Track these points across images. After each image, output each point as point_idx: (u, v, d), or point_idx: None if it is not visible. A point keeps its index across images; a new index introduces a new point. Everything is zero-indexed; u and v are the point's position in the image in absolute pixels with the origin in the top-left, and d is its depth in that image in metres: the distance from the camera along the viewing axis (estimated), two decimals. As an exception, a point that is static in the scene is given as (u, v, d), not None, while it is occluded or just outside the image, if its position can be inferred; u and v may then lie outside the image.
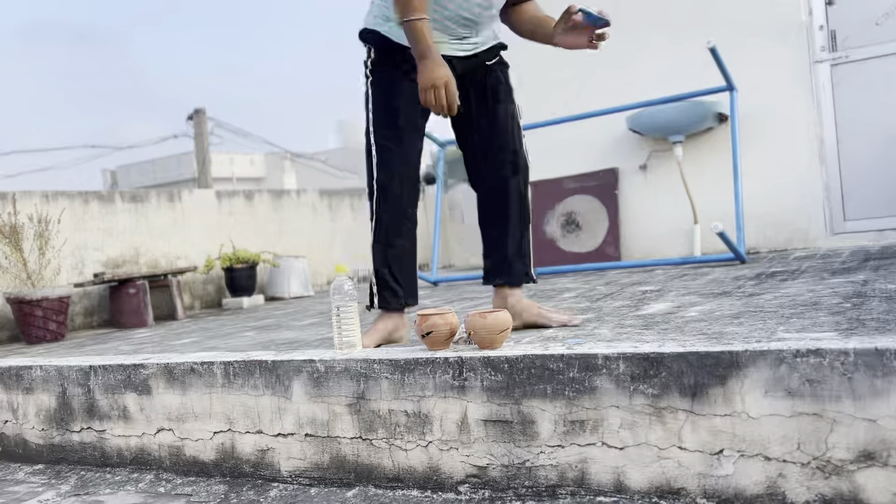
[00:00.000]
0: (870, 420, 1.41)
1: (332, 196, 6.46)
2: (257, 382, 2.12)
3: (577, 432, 1.70)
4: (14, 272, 4.15)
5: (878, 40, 4.48)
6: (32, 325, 3.90)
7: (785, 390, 1.48)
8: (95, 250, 4.70)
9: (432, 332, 1.92)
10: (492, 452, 1.79)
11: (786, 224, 4.74)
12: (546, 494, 1.73)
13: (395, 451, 1.92)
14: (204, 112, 11.89)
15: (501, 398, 1.78)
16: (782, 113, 4.70)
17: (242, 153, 27.77)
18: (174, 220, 5.18)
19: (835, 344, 1.48)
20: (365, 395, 1.96)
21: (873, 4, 4.49)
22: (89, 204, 4.71)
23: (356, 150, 26.20)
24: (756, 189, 4.71)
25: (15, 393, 2.65)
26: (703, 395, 1.56)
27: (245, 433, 2.15)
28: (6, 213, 4.16)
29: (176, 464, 2.29)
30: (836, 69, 4.61)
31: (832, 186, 4.64)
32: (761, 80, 4.69)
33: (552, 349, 1.77)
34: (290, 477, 2.08)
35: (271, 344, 2.64)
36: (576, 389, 1.69)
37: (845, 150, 4.60)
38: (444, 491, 1.85)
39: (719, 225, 3.71)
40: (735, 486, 1.54)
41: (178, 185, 22.99)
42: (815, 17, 4.64)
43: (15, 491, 2.32)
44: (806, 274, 3.04)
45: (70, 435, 2.51)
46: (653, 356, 1.61)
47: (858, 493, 1.43)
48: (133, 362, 2.39)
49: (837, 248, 4.29)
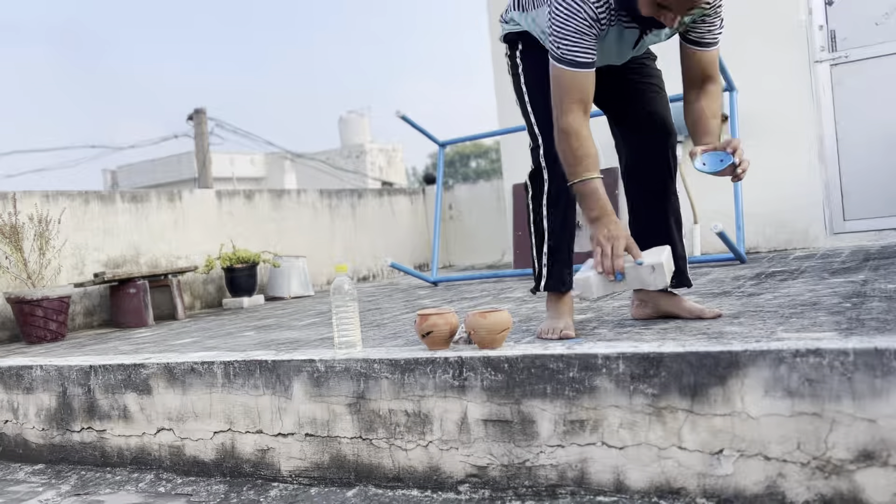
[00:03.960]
0: (869, 420, 1.42)
1: (332, 196, 6.46)
2: (257, 382, 2.13)
3: (576, 432, 1.70)
4: (14, 272, 4.15)
5: (878, 40, 4.48)
6: (33, 325, 3.90)
7: (784, 390, 1.49)
8: (96, 250, 4.70)
9: (432, 332, 1.92)
10: (492, 452, 1.80)
11: (785, 224, 4.73)
12: (546, 494, 1.73)
13: (396, 451, 1.92)
14: (204, 112, 11.90)
15: (501, 398, 1.78)
16: (782, 113, 4.70)
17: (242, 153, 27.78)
18: (174, 220, 5.18)
19: (834, 344, 1.48)
20: (365, 395, 1.96)
21: (873, 4, 4.49)
22: (89, 204, 4.71)
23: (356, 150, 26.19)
24: (756, 189, 4.70)
25: (15, 393, 2.66)
26: (702, 395, 1.56)
27: (245, 433, 2.15)
28: (6, 213, 4.16)
29: (176, 464, 2.29)
30: (836, 69, 4.61)
31: (832, 186, 4.64)
32: (761, 80, 4.69)
33: (552, 349, 1.77)
34: (291, 477, 2.08)
35: (271, 344, 2.64)
36: (576, 389, 1.70)
37: (845, 150, 4.60)
38: (444, 491, 1.85)
39: (719, 225, 3.71)
40: (735, 485, 1.54)
41: (178, 185, 23.00)
42: (815, 17, 4.64)
43: (15, 491, 2.32)
44: (806, 274, 3.04)
45: (70, 435, 2.51)
46: (653, 356, 1.61)
47: (858, 493, 1.43)
48: (133, 362, 2.39)
49: (837, 248, 4.29)
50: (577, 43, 1.96)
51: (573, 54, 1.97)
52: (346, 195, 6.61)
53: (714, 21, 2.07)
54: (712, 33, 2.10)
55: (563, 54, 1.98)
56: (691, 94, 2.15)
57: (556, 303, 2.20)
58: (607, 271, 1.91)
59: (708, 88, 2.13)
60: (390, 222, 6.97)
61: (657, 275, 1.90)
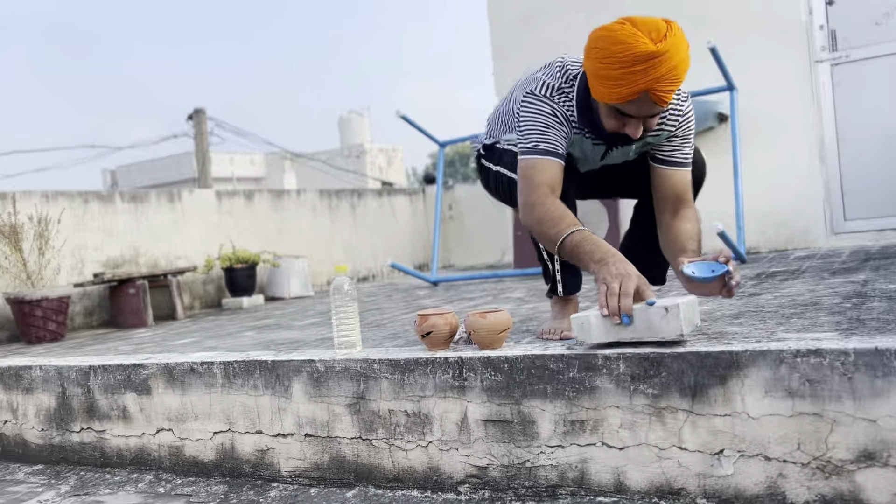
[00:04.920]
0: (870, 420, 1.41)
1: (332, 196, 6.46)
2: (257, 382, 2.12)
3: (577, 432, 1.69)
4: (14, 272, 4.15)
5: (879, 40, 4.48)
6: (32, 325, 3.89)
7: (785, 390, 1.48)
8: (95, 250, 4.69)
9: (432, 332, 1.92)
10: (492, 452, 1.79)
11: (786, 224, 4.73)
12: (546, 494, 1.73)
13: (395, 452, 1.92)
14: (204, 112, 11.89)
15: (501, 398, 1.78)
16: (782, 113, 4.70)
17: (242, 153, 27.79)
18: (174, 220, 5.18)
19: (835, 344, 1.48)
20: (365, 396, 1.95)
21: (873, 4, 4.49)
22: (89, 204, 4.71)
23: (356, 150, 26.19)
24: (756, 189, 4.71)
25: (15, 393, 2.65)
26: (703, 395, 1.56)
27: (245, 433, 2.15)
28: (6, 213, 4.16)
29: (176, 464, 2.28)
30: (837, 69, 4.60)
31: (832, 186, 4.64)
32: (761, 80, 4.69)
33: (552, 349, 1.77)
34: (290, 477, 2.08)
35: (271, 344, 2.64)
36: (576, 389, 1.69)
37: (845, 149, 4.60)
38: (444, 491, 1.85)
39: (719, 225, 3.71)
40: (735, 486, 1.54)
41: (178, 185, 23.00)
42: (816, 17, 4.64)
43: (15, 491, 2.32)
44: (806, 274, 3.04)
45: (70, 435, 2.51)
46: (653, 356, 1.61)
47: (858, 494, 1.43)
48: (133, 362, 2.38)
49: (837, 248, 4.28)
50: (545, 133, 1.92)
51: (542, 144, 1.92)
52: (345, 195, 6.61)
53: (684, 139, 2.00)
54: (682, 152, 2.01)
55: (534, 145, 1.93)
56: (665, 216, 2.00)
57: (562, 304, 2.18)
58: (612, 312, 1.64)
59: (683, 213, 1.99)
60: (390, 222, 6.97)
61: (671, 318, 1.59)
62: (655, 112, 1.80)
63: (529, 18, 5.55)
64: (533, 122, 1.95)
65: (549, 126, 1.93)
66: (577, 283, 2.13)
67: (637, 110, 1.78)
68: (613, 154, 2.05)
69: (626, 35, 1.71)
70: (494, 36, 5.80)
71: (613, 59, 1.72)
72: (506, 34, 5.72)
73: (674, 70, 1.71)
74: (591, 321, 1.67)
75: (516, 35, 5.60)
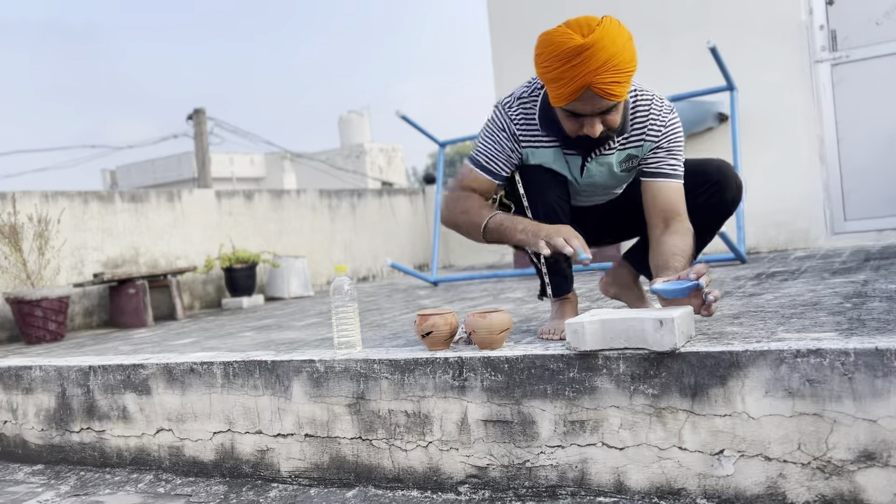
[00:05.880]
0: (870, 420, 1.41)
1: (332, 196, 6.46)
2: (257, 383, 2.12)
3: (577, 432, 1.69)
4: (14, 272, 4.15)
5: (879, 40, 4.48)
6: (32, 325, 3.89)
7: (785, 390, 1.48)
8: (95, 250, 4.69)
9: (432, 332, 1.92)
10: (492, 453, 1.79)
11: (786, 224, 4.73)
12: (546, 495, 1.73)
13: (395, 452, 1.92)
14: (203, 112, 11.89)
15: (501, 398, 1.78)
16: (782, 113, 4.70)
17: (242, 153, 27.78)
18: (174, 220, 5.18)
19: (835, 344, 1.48)
20: (365, 396, 1.95)
21: (873, 4, 4.49)
22: (89, 204, 4.71)
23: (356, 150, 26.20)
24: (756, 189, 4.71)
25: (14, 393, 2.65)
26: (703, 396, 1.56)
27: (245, 433, 2.15)
28: (6, 213, 4.16)
29: (175, 464, 2.28)
30: (837, 69, 4.60)
31: (832, 186, 4.64)
32: (761, 80, 4.69)
33: (552, 349, 1.77)
34: (290, 477, 2.07)
35: (271, 344, 2.64)
36: (576, 390, 1.69)
37: (845, 149, 4.60)
38: (444, 491, 1.85)
39: (719, 225, 3.71)
40: (735, 486, 1.54)
41: (177, 185, 23.00)
42: (816, 17, 4.64)
43: (14, 491, 2.31)
44: (806, 274, 3.04)
45: (69, 435, 2.51)
46: (653, 356, 1.61)
47: (859, 494, 1.43)
48: (133, 362, 2.38)
49: (838, 248, 4.28)
50: (490, 147, 2.02)
51: (482, 158, 2.03)
52: (345, 195, 6.60)
53: (670, 150, 1.97)
54: (668, 163, 1.96)
55: (476, 154, 2.06)
56: (655, 231, 1.96)
57: (561, 304, 2.18)
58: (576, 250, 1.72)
59: (673, 227, 1.93)
60: (390, 222, 6.97)
61: (665, 332, 1.56)
62: (605, 106, 1.78)
63: (529, 19, 5.55)
64: (485, 133, 2.05)
65: (496, 141, 2.01)
66: (566, 285, 2.14)
67: (586, 107, 1.79)
68: (593, 168, 2.00)
69: (558, 34, 1.75)
70: (495, 36, 5.80)
71: (550, 59, 1.75)
72: (506, 35, 5.72)
73: (610, 60, 1.71)
74: (585, 328, 1.66)
75: (516, 35, 5.60)
